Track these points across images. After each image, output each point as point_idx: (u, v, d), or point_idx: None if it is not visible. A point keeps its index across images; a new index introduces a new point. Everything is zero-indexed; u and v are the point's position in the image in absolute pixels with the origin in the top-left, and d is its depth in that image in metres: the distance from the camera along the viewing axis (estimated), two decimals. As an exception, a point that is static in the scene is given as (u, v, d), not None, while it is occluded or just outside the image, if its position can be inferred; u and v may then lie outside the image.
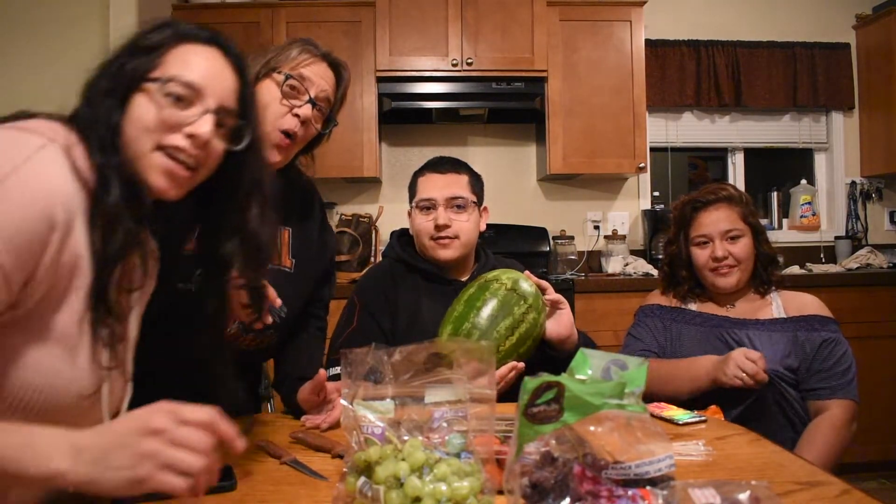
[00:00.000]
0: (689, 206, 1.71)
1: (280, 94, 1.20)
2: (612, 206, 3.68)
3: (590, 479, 0.69)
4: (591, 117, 3.28)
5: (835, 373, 1.54)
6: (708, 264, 1.65)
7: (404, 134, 3.55)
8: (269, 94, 1.20)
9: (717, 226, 1.64)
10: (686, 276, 1.72)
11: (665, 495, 0.68)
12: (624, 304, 2.91)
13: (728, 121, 3.78)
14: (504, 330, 1.35)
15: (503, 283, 1.40)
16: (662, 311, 1.73)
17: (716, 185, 1.71)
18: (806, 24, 3.73)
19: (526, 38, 3.23)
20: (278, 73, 1.21)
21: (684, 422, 1.20)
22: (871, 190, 3.76)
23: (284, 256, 1.32)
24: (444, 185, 1.60)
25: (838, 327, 1.60)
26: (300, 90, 1.22)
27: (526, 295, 1.39)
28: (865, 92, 3.71)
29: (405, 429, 0.77)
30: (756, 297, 1.68)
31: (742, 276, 1.64)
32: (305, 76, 1.22)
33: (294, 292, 1.31)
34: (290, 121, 1.21)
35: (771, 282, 1.67)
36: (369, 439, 0.77)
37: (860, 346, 2.73)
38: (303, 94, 1.22)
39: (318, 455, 1.04)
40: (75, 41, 3.08)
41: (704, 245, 1.66)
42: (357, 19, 3.21)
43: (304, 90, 1.22)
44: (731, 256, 1.62)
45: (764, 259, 1.66)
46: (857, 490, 0.85)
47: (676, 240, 1.73)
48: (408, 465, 0.72)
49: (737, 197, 1.67)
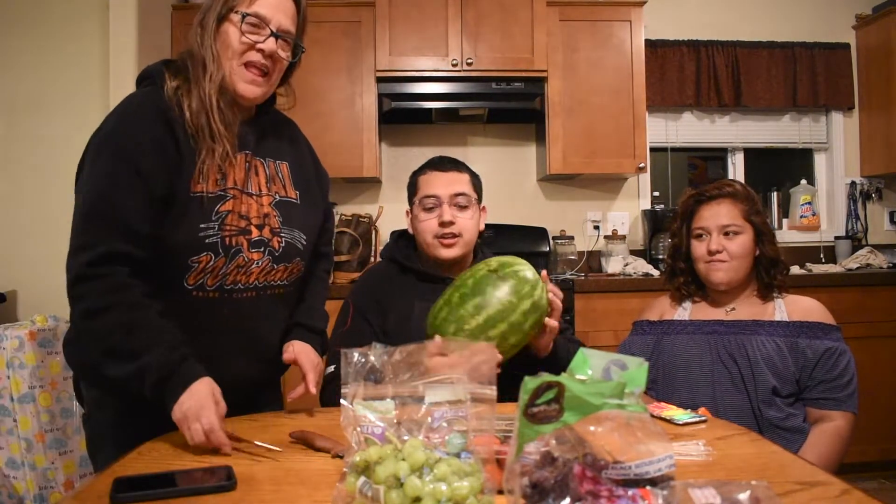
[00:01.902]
0: (693, 198, 1.71)
1: (240, 32, 1.24)
2: (611, 206, 3.68)
3: (590, 479, 0.69)
4: (591, 117, 3.28)
5: (838, 384, 1.53)
6: (703, 256, 1.65)
7: (404, 134, 3.55)
8: (232, 34, 1.24)
9: (716, 220, 1.64)
10: (684, 268, 1.72)
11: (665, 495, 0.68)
12: (624, 304, 2.91)
13: (728, 121, 3.78)
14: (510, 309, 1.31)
15: (516, 271, 1.35)
16: (653, 327, 1.73)
17: (723, 181, 1.71)
18: (806, 24, 3.73)
19: (526, 38, 3.23)
20: (235, 13, 1.24)
21: (684, 422, 1.20)
22: (871, 190, 3.76)
23: (289, 188, 1.36)
24: (448, 182, 1.60)
25: (841, 335, 1.58)
26: (260, 26, 1.25)
27: (534, 289, 1.34)
28: (865, 92, 3.71)
29: (405, 429, 0.77)
30: (758, 301, 1.66)
31: (735, 274, 1.63)
32: (261, 13, 1.24)
33: (306, 221, 1.37)
34: (255, 55, 1.25)
35: (774, 286, 1.65)
36: (369, 439, 0.77)
37: (860, 346, 2.74)
38: (263, 30, 1.25)
39: (318, 455, 1.04)
40: (75, 40, 3.09)
41: (702, 238, 1.66)
42: (357, 19, 3.21)
43: (263, 26, 1.25)
44: (726, 251, 1.62)
45: (766, 261, 1.64)
46: (857, 490, 0.85)
47: (679, 232, 1.74)
48: (408, 465, 0.71)
49: (742, 194, 1.67)
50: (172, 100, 1.21)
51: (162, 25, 3.19)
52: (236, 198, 1.24)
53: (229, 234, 1.22)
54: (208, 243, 1.20)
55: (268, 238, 1.28)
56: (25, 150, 3.07)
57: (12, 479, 2.53)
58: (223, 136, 1.21)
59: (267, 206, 1.29)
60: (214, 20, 1.24)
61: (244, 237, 1.24)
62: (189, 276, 1.21)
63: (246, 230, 1.25)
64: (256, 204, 1.27)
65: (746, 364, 1.55)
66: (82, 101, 3.04)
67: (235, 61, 1.24)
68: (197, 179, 1.20)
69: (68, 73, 3.08)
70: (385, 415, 0.78)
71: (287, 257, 1.32)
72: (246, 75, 1.25)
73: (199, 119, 1.20)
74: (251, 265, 1.25)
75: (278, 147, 1.38)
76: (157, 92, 1.23)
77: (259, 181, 1.30)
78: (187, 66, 1.25)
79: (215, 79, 1.22)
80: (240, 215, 1.24)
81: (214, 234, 1.21)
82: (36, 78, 3.08)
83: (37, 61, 3.09)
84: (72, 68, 3.08)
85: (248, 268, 1.25)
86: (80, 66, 3.08)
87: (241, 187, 1.26)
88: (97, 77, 3.05)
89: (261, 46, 1.24)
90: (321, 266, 1.51)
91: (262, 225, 1.27)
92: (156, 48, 3.04)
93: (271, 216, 1.29)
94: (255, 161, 1.31)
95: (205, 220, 1.20)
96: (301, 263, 1.37)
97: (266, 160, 1.33)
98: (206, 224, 1.20)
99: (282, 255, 1.30)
